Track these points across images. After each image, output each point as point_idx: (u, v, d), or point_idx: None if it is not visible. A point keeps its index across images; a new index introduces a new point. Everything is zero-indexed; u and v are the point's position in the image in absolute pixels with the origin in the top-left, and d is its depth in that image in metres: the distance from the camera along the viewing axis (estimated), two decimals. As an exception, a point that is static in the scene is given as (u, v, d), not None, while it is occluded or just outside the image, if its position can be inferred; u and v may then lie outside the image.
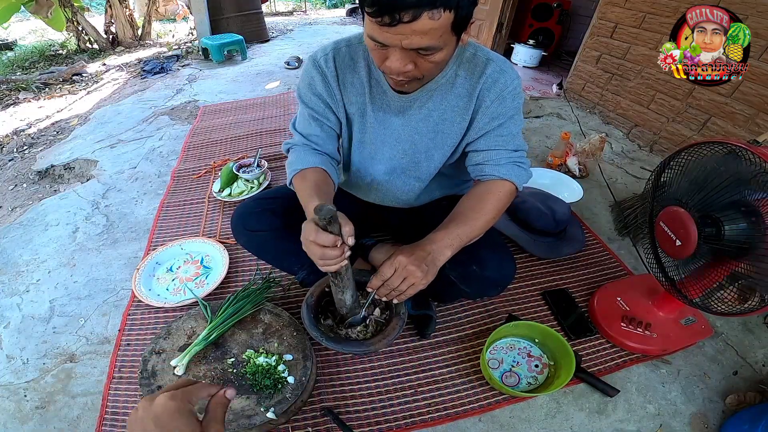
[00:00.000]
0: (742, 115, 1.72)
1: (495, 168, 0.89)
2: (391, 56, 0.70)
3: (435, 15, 0.62)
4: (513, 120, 0.89)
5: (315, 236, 0.70)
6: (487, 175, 0.90)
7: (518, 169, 0.91)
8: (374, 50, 0.72)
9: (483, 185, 0.91)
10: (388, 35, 0.65)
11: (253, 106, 2.71)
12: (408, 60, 0.70)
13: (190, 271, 1.37)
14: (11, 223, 1.69)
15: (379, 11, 0.62)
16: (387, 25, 0.63)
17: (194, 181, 1.89)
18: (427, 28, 0.63)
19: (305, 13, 6.68)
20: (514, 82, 0.86)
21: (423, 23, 0.62)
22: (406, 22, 0.62)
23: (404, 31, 0.64)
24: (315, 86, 0.92)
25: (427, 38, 0.65)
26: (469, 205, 0.89)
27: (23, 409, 1.03)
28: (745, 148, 0.79)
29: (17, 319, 1.26)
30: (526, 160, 0.94)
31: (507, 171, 0.89)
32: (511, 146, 0.90)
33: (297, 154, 0.95)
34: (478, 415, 0.99)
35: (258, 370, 0.94)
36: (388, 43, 0.67)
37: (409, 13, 0.61)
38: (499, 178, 0.89)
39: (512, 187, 0.90)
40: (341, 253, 0.73)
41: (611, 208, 1.70)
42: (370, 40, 0.70)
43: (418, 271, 0.79)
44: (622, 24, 2.22)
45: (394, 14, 0.61)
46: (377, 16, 0.63)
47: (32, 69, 4.00)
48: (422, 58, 0.70)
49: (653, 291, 1.15)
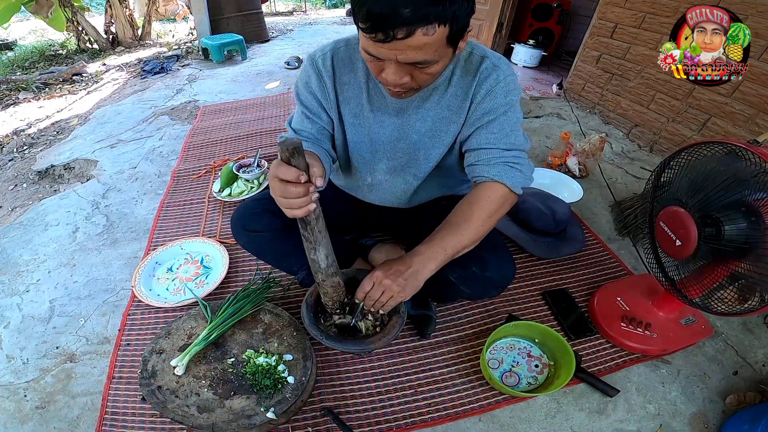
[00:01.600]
0: (742, 115, 1.72)
1: (486, 168, 0.86)
2: (387, 69, 0.70)
3: (429, 31, 0.61)
4: (506, 116, 0.85)
5: (276, 169, 0.64)
6: (479, 176, 0.87)
7: (511, 171, 0.85)
8: (370, 62, 0.72)
9: (475, 190, 0.87)
10: (382, 50, 0.65)
11: (253, 106, 2.72)
12: (404, 73, 0.70)
13: (190, 271, 1.37)
14: (11, 223, 1.69)
15: (372, 28, 0.62)
16: (381, 41, 0.63)
17: (194, 181, 1.89)
18: (421, 44, 0.63)
19: (305, 13, 6.68)
20: (507, 78, 0.84)
21: (417, 39, 0.62)
22: (400, 39, 0.62)
23: (398, 47, 0.63)
24: (310, 85, 0.92)
25: (422, 53, 0.65)
26: (460, 214, 0.86)
27: (23, 409, 1.03)
28: (745, 148, 0.79)
29: (17, 319, 1.26)
30: (524, 160, 0.88)
31: (498, 172, 0.84)
32: (502, 144, 0.85)
33: None
34: (478, 415, 0.99)
35: (258, 370, 0.94)
36: (382, 57, 0.67)
37: (402, 30, 0.60)
38: (491, 180, 0.85)
39: (505, 190, 0.85)
40: (305, 191, 0.65)
41: (611, 208, 1.70)
42: (365, 53, 0.70)
43: (394, 285, 0.81)
44: (622, 24, 2.22)
45: (388, 31, 0.61)
46: (371, 32, 0.63)
47: (32, 69, 4.00)
48: (418, 70, 0.70)
49: (653, 291, 1.15)
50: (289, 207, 0.67)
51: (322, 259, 0.83)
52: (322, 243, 0.80)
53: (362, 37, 0.67)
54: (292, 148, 0.62)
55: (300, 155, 0.64)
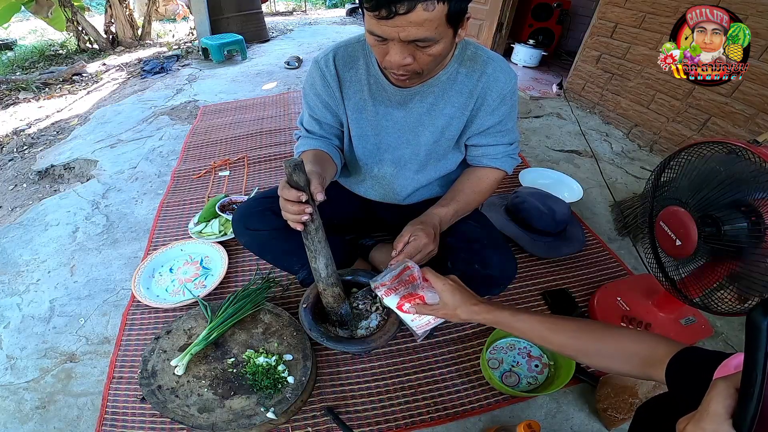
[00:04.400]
0: (742, 115, 1.72)
1: (492, 160, 1.02)
2: (391, 50, 0.74)
3: (429, 6, 0.66)
4: (510, 116, 0.97)
5: (280, 190, 0.76)
6: (485, 165, 1.03)
7: (511, 161, 1.04)
8: (375, 46, 0.77)
9: (480, 170, 1.04)
10: (386, 28, 0.70)
11: (253, 106, 2.71)
12: (407, 53, 0.74)
13: (189, 272, 1.37)
14: (11, 223, 1.69)
15: (376, 5, 0.66)
16: (384, 18, 0.67)
17: (194, 181, 1.89)
18: (422, 19, 0.67)
19: (305, 13, 6.68)
20: (512, 81, 0.93)
21: (418, 14, 0.66)
22: (402, 14, 0.66)
23: (401, 23, 0.68)
24: (316, 86, 0.98)
25: (423, 29, 0.69)
26: (469, 186, 1.02)
27: (23, 409, 1.03)
28: (745, 148, 0.79)
29: (17, 319, 1.26)
30: (517, 149, 1.05)
31: (502, 163, 1.02)
32: (506, 140, 1.01)
33: (303, 140, 1.05)
34: (478, 415, 0.99)
35: (258, 370, 0.94)
36: (386, 35, 0.71)
37: (404, 5, 0.65)
38: (495, 167, 1.02)
39: (503, 174, 1.04)
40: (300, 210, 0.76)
41: (611, 208, 1.70)
42: (371, 36, 0.74)
43: (429, 239, 0.89)
44: (622, 24, 2.22)
45: (391, 7, 0.65)
46: (375, 9, 0.67)
47: (32, 69, 4.00)
48: (420, 51, 0.74)
49: (653, 291, 1.15)
50: (288, 220, 0.79)
51: (322, 268, 0.90)
52: (322, 253, 0.87)
53: (368, 17, 0.71)
54: (293, 165, 0.73)
55: (301, 172, 0.74)
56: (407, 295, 0.81)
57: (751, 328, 0.38)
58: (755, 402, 0.37)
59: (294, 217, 0.77)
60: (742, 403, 0.39)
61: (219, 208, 1.51)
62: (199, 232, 1.49)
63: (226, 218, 1.50)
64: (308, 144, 1.02)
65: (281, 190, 0.76)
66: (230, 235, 1.46)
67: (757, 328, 0.37)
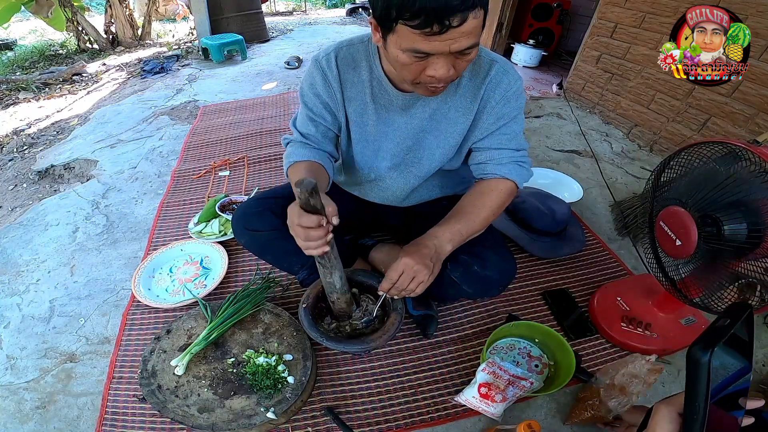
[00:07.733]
0: (742, 115, 1.72)
1: (497, 167, 0.91)
2: (435, 64, 0.69)
3: (477, 14, 0.64)
4: (516, 120, 0.91)
5: (299, 219, 0.71)
6: (489, 173, 0.92)
7: (520, 168, 0.92)
8: (410, 64, 0.71)
9: (485, 183, 0.93)
10: (436, 43, 0.65)
11: (253, 106, 2.72)
12: (450, 64, 0.70)
13: (189, 272, 1.37)
14: (11, 223, 1.69)
15: (426, 22, 0.62)
16: (436, 33, 0.63)
17: (194, 181, 1.89)
18: (471, 28, 0.64)
19: (305, 13, 6.68)
20: (517, 83, 0.89)
21: (469, 24, 0.64)
22: (455, 27, 0.63)
23: (453, 36, 0.64)
24: (316, 86, 0.93)
25: (471, 38, 0.66)
26: (470, 201, 0.91)
27: (23, 409, 1.03)
28: (745, 148, 0.79)
29: (17, 319, 1.26)
30: (528, 159, 0.95)
31: (509, 170, 0.91)
32: (513, 145, 0.92)
33: (294, 148, 0.98)
34: (478, 416, 0.99)
35: (258, 370, 0.94)
36: (435, 51, 0.67)
37: (457, 17, 0.62)
38: (501, 177, 0.91)
39: (513, 185, 0.92)
40: (325, 233, 0.73)
41: (611, 208, 1.70)
42: (410, 54, 0.68)
43: (425, 270, 0.81)
44: (622, 24, 2.22)
45: (444, 21, 0.61)
46: (425, 26, 0.62)
47: (32, 69, 4.01)
48: (460, 59, 0.71)
49: (653, 291, 1.15)
50: (309, 248, 0.76)
51: (337, 280, 0.91)
52: (336, 267, 0.87)
53: (407, 35, 0.66)
54: (310, 189, 0.67)
55: (316, 195, 0.69)
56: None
57: (692, 363, 0.42)
58: (699, 427, 0.42)
59: (318, 243, 0.73)
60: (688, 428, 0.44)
61: (219, 208, 1.51)
62: (199, 232, 1.49)
63: (226, 218, 1.49)
64: (300, 154, 0.95)
65: (299, 218, 0.71)
66: (230, 235, 1.46)
67: (698, 362, 0.41)
